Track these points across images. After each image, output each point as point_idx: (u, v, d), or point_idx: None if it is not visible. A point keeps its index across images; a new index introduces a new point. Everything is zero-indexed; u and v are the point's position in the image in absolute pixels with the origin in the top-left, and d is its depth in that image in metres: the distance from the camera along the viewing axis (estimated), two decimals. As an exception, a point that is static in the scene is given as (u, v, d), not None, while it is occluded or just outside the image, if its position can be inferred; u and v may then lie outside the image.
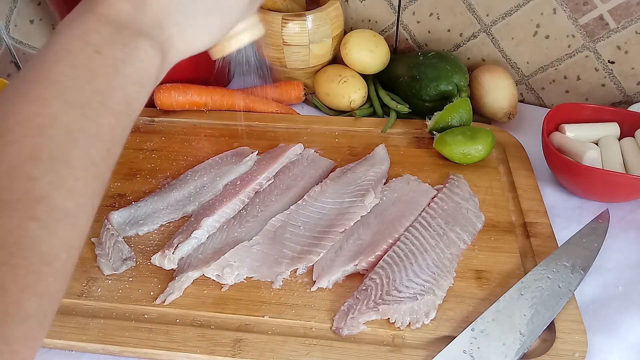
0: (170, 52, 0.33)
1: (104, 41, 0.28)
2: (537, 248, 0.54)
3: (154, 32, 0.31)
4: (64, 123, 0.25)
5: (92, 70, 0.27)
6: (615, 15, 0.68)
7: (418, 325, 0.47)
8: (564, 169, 0.60)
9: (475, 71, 0.75)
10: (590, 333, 0.46)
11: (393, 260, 0.51)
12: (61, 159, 0.25)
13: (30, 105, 0.25)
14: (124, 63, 0.29)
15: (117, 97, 0.28)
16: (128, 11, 0.30)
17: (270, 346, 0.46)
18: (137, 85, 0.30)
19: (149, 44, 0.31)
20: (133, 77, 0.29)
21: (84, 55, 0.28)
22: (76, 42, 0.28)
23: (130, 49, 0.29)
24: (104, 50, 0.28)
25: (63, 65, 0.27)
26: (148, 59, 0.30)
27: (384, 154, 0.67)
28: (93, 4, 0.30)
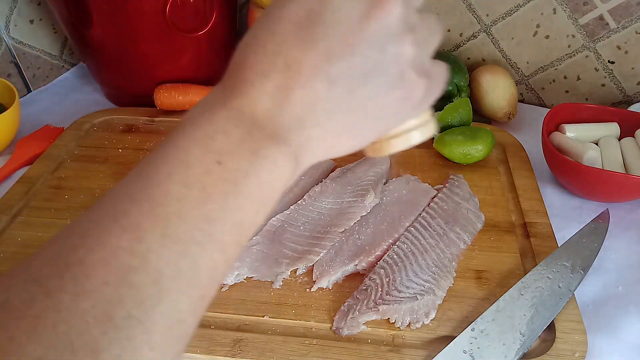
0: (305, 157, 0.26)
1: (229, 148, 0.23)
2: (537, 248, 0.54)
3: (291, 135, 0.25)
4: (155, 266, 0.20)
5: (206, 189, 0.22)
6: (615, 15, 0.68)
7: (418, 325, 0.47)
8: (564, 169, 0.60)
9: (475, 71, 0.75)
10: (590, 333, 0.46)
11: (393, 260, 0.51)
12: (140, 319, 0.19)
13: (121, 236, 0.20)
14: (247, 177, 0.23)
15: (229, 224, 0.23)
16: (267, 107, 0.25)
17: (270, 346, 0.46)
18: (258, 204, 0.24)
19: (282, 151, 0.25)
20: (254, 194, 0.24)
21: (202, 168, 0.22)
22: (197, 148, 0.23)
23: (258, 158, 0.24)
24: (226, 160, 0.23)
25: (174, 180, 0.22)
26: (276, 169, 0.24)
27: (384, 154, 0.67)
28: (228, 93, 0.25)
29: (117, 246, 0.20)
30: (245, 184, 0.23)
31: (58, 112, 0.81)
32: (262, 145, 0.24)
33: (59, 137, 0.72)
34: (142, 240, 0.20)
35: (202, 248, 0.22)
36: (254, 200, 0.24)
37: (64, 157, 0.68)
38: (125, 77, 0.77)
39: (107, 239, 0.20)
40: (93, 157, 0.69)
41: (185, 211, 0.22)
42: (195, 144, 0.23)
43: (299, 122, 0.25)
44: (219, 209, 0.22)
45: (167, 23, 0.69)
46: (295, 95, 0.25)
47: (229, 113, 0.24)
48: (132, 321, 0.19)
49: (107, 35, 0.71)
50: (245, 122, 0.24)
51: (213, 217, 0.22)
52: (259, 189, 0.24)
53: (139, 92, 0.76)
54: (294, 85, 0.25)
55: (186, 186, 0.22)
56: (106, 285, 0.19)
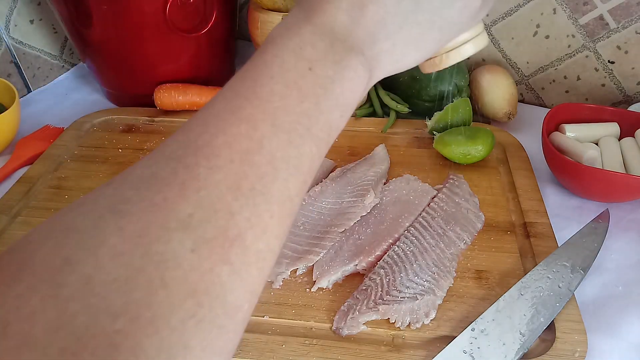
0: (377, 70, 0.30)
1: (317, 57, 0.27)
2: (537, 248, 0.54)
3: (365, 47, 0.28)
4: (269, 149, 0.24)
5: (302, 90, 0.26)
6: (615, 15, 0.68)
7: (418, 325, 0.47)
8: (564, 169, 0.60)
9: (475, 71, 0.75)
10: (590, 333, 0.46)
11: (393, 260, 0.51)
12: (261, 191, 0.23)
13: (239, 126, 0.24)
14: (333, 83, 0.27)
15: (322, 122, 0.26)
16: (344, 22, 0.28)
17: (270, 346, 0.46)
18: (342, 109, 0.27)
19: (359, 61, 0.28)
20: (339, 99, 0.27)
21: (297, 73, 0.26)
22: (291, 56, 0.26)
23: (341, 67, 0.27)
24: (316, 68, 0.26)
25: (276, 82, 0.25)
26: (356, 78, 0.28)
27: (383, 154, 0.67)
28: (309, 12, 0.28)
29: (237, 133, 0.23)
30: (332, 89, 0.27)
31: (58, 112, 0.81)
32: (344, 56, 0.27)
33: (59, 137, 0.72)
34: (256, 129, 0.24)
35: (303, 139, 0.25)
36: (339, 104, 0.27)
37: (64, 157, 0.68)
38: (125, 77, 0.77)
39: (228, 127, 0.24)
40: (93, 157, 0.69)
41: (288, 107, 0.25)
42: (289, 53, 0.26)
43: (371, 36, 0.28)
44: (314, 108, 0.26)
45: (167, 23, 0.69)
46: (367, 10, 0.28)
47: (313, 28, 0.27)
48: (255, 192, 0.23)
49: (107, 35, 0.71)
50: (328, 36, 0.27)
51: (309, 114, 0.26)
52: (342, 94, 0.27)
53: (139, 92, 0.77)
54: (367, 1, 0.28)
55: (286, 87, 0.25)
56: (232, 162, 0.23)
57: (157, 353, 0.18)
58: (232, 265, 0.21)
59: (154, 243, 0.20)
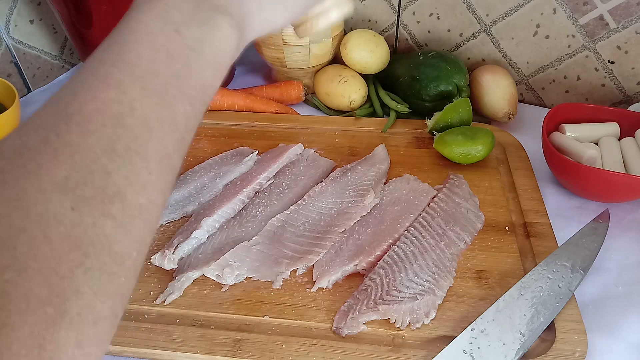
0: (248, 30, 0.31)
1: (183, 19, 0.27)
2: (537, 248, 0.54)
3: (233, 8, 0.30)
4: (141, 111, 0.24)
5: (171, 53, 0.26)
6: (615, 15, 0.68)
7: (418, 325, 0.47)
8: (564, 169, 0.60)
9: (475, 71, 0.75)
10: (590, 333, 0.46)
11: (393, 260, 0.51)
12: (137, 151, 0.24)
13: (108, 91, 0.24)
14: (202, 44, 0.28)
15: (194, 81, 0.27)
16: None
17: (270, 346, 0.46)
18: (214, 68, 0.29)
19: (227, 21, 0.29)
20: (210, 59, 0.28)
21: (164, 36, 0.26)
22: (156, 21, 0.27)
23: (208, 28, 0.28)
24: (183, 30, 0.27)
25: (142, 46, 0.26)
26: (226, 38, 0.29)
27: (384, 154, 0.67)
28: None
29: (107, 98, 0.24)
30: (201, 50, 0.28)
31: (58, 112, 0.80)
32: (210, 16, 0.28)
33: (59, 137, 0.72)
34: (126, 93, 0.24)
35: (175, 99, 0.26)
36: (211, 63, 0.28)
37: (64, 157, 0.68)
38: (125, 77, 0.77)
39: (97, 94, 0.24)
40: (93, 157, 0.69)
41: (157, 69, 0.26)
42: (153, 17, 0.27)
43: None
44: (184, 68, 0.27)
45: (167, 23, 0.69)
46: None
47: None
48: (131, 152, 0.24)
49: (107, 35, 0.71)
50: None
51: (180, 74, 0.26)
52: (212, 54, 0.28)
53: (139, 92, 0.76)
54: None
55: (154, 50, 0.26)
56: (104, 126, 0.23)
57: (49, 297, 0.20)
58: (115, 219, 0.22)
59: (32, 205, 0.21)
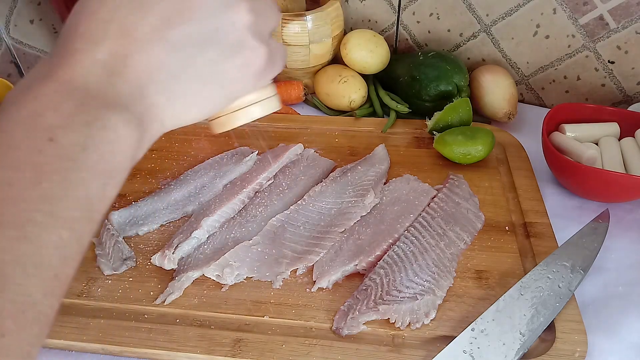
0: (153, 125, 0.26)
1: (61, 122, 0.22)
2: (537, 248, 0.54)
3: (132, 102, 0.24)
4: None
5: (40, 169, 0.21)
6: (615, 15, 0.68)
7: (418, 325, 0.47)
8: (564, 169, 0.60)
9: (475, 71, 0.75)
10: (590, 333, 0.46)
11: (393, 260, 0.51)
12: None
13: None
14: (85, 150, 0.22)
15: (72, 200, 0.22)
16: (100, 75, 0.24)
17: (270, 346, 0.46)
18: (103, 177, 0.23)
19: (122, 119, 0.24)
20: (97, 168, 0.23)
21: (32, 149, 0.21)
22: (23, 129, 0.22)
23: (95, 130, 0.23)
24: (59, 136, 0.22)
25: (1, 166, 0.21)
26: (119, 139, 0.24)
27: (384, 154, 0.67)
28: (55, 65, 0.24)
29: None
30: (84, 158, 0.22)
31: (58, 112, 0.80)
32: (98, 116, 0.23)
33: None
34: None
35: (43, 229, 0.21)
36: (98, 173, 0.23)
37: (64, 157, 0.68)
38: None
39: None
40: (93, 157, 0.69)
41: (18, 194, 0.21)
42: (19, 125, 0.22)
43: (139, 89, 0.25)
44: (58, 186, 0.21)
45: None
46: (132, 61, 0.24)
47: (58, 86, 0.23)
48: None
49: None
50: (77, 94, 0.23)
51: (52, 195, 0.21)
52: (101, 161, 0.23)
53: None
54: (131, 51, 0.24)
55: (15, 169, 0.21)
56: None
57: None
58: None
59: None
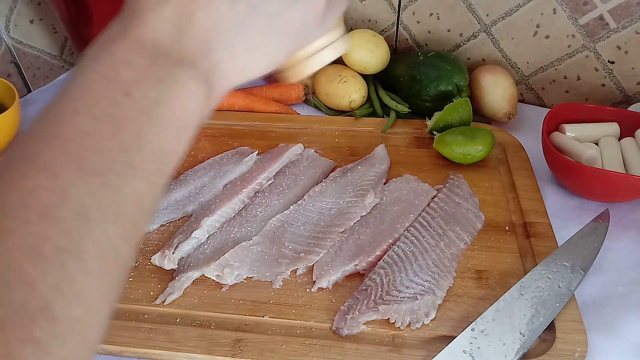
0: (220, 81, 0.26)
1: (135, 77, 0.23)
2: (537, 248, 0.54)
3: (199, 59, 0.25)
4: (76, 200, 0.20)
5: (118, 121, 0.22)
6: (615, 15, 0.68)
7: (418, 325, 0.47)
8: (564, 169, 0.60)
9: (475, 71, 0.75)
10: (590, 333, 0.46)
11: (393, 260, 0.51)
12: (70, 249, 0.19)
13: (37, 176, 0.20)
14: (158, 105, 0.23)
15: (148, 152, 0.23)
16: (169, 33, 0.24)
17: (270, 346, 0.46)
18: (175, 132, 0.24)
19: (190, 76, 0.24)
20: (169, 122, 0.24)
21: (109, 101, 0.22)
22: (101, 83, 0.23)
23: (167, 85, 0.24)
24: (133, 91, 0.23)
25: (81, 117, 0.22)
26: (189, 95, 0.24)
27: (384, 154, 0.67)
28: (127, 24, 0.24)
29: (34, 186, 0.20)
30: (157, 113, 0.23)
31: (58, 112, 0.80)
32: (170, 72, 0.24)
33: (59, 137, 0.72)
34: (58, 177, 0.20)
35: (121, 178, 0.21)
36: (170, 126, 0.24)
37: (64, 157, 0.68)
38: (125, 77, 0.77)
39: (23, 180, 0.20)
40: (93, 157, 0.69)
41: (98, 144, 0.21)
42: (98, 78, 0.23)
43: (204, 45, 0.25)
44: (135, 138, 0.22)
45: (167, 23, 0.69)
46: (196, 17, 0.25)
47: (130, 44, 0.24)
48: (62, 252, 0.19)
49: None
50: (149, 50, 0.24)
51: (129, 147, 0.22)
52: (172, 116, 0.24)
53: (139, 92, 0.76)
54: (194, 7, 0.25)
55: (95, 120, 0.22)
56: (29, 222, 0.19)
57: None
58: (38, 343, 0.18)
59: None
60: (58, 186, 0.20)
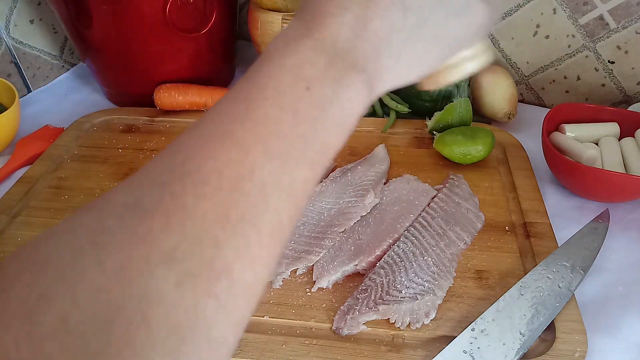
0: (379, 86, 0.28)
1: (316, 75, 0.25)
2: (537, 248, 0.54)
3: (368, 64, 0.27)
4: (260, 176, 0.22)
5: (299, 113, 0.24)
6: (615, 15, 0.68)
7: (418, 325, 0.47)
8: (564, 169, 0.60)
9: (475, 71, 0.75)
10: (590, 333, 0.46)
11: (393, 260, 0.51)
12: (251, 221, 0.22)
13: (230, 151, 0.22)
14: (331, 103, 0.25)
15: (318, 143, 0.25)
16: (346, 37, 0.26)
17: (270, 346, 0.46)
18: (340, 129, 0.26)
19: (360, 79, 0.26)
20: (338, 119, 0.26)
21: (294, 94, 0.24)
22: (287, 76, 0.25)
23: (341, 86, 0.25)
24: (314, 87, 0.25)
25: (270, 104, 0.24)
26: (357, 97, 0.26)
27: (384, 154, 0.67)
28: (310, 26, 0.26)
29: (227, 159, 0.22)
30: (330, 109, 0.25)
31: (58, 112, 0.81)
32: (345, 74, 0.26)
33: (59, 137, 0.72)
34: (248, 155, 0.22)
35: (297, 164, 0.24)
36: (337, 124, 0.26)
37: (64, 157, 0.68)
38: (125, 77, 0.77)
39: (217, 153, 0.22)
40: (93, 157, 0.69)
41: (283, 131, 0.24)
42: (285, 72, 0.25)
43: (375, 52, 0.27)
44: (310, 131, 0.24)
45: (167, 23, 0.69)
46: (373, 25, 0.26)
47: (314, 43, 0.26)
48: (244, 221, 0.21)
49: (107, 35, 0.71)
50: (329, 52, 0.26)
51: (305, 137, 0.24)
52: (341, 114, 0.26)
53: (139, 92, 0.77)
54: (372, 15, 0.26)
55: (282, 110, 0.24)
56: (220, 190, 0.21)
57: None
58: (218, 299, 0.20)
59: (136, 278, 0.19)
60: (247, 162, 0.22)
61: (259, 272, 0.22)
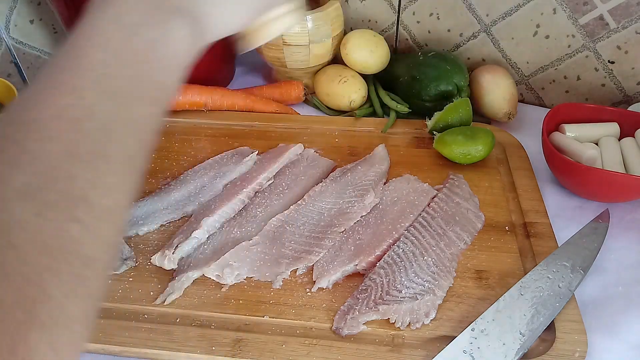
0: (208, 29, 0.32)
1: (140, 21, 0.28)
2: (537, 248, 0.54)
3: (193, 8, 0.30)
4: (100, 115, 0.25)
5: (127, 55, 0.27)
6: (615, 15, 0.68)
7: (418, 325, 0.47)
8: (564, 169, 0.60)
9: (475, 71, 0.75)
10: (590, 333, 0.46)
11: (393, 260, 0.51)
12: (99, 154, 0.24)
13: (65, 97, 0.24)
14: (159, 45, 0.28)
15: (152, 82, 0.28)
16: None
17: (270, 346, 0.46)
18: (173, 68, 0.29)
19: (185, 22, 0.29)
20: (169, 60, 0.28)
21: (119, 39, 0.27)
22: (110, 25, 0.27)
23: (166, 29, 0.28)
24: (139, 32, 0.27)
25: (97, 50, 0.26)
26: (184, 38, 0.29)
27: (384, 154, 0.67)
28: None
29: (65, 104, 0.24)
30: (159, 51, 0.28)
31: (58, 112, 0.80)
32: (168, 18, 0.29)
33: (59, 137, 0.72)
34: (84, 98, 0.25)
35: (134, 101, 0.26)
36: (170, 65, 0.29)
37: (64, 157, 0.68)
38: (125, 77, 0.77)
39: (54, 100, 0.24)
40: (93, 157, 0.69)
41: (114, 73, 0.26)
42: (108, 22, 0.27)
43: None
44: (142, 70, 0.27)
45: (167, 23, 0.69)
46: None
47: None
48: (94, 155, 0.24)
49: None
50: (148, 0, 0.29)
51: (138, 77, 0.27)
52: (172, 55, 0.29)
53: (139, 92, 0.76)
54: None
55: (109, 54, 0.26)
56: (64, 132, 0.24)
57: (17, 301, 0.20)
58: (81, 223, 0.23)
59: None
60: (84, 105, 0.24)
61: (118, 198, 0.25)
